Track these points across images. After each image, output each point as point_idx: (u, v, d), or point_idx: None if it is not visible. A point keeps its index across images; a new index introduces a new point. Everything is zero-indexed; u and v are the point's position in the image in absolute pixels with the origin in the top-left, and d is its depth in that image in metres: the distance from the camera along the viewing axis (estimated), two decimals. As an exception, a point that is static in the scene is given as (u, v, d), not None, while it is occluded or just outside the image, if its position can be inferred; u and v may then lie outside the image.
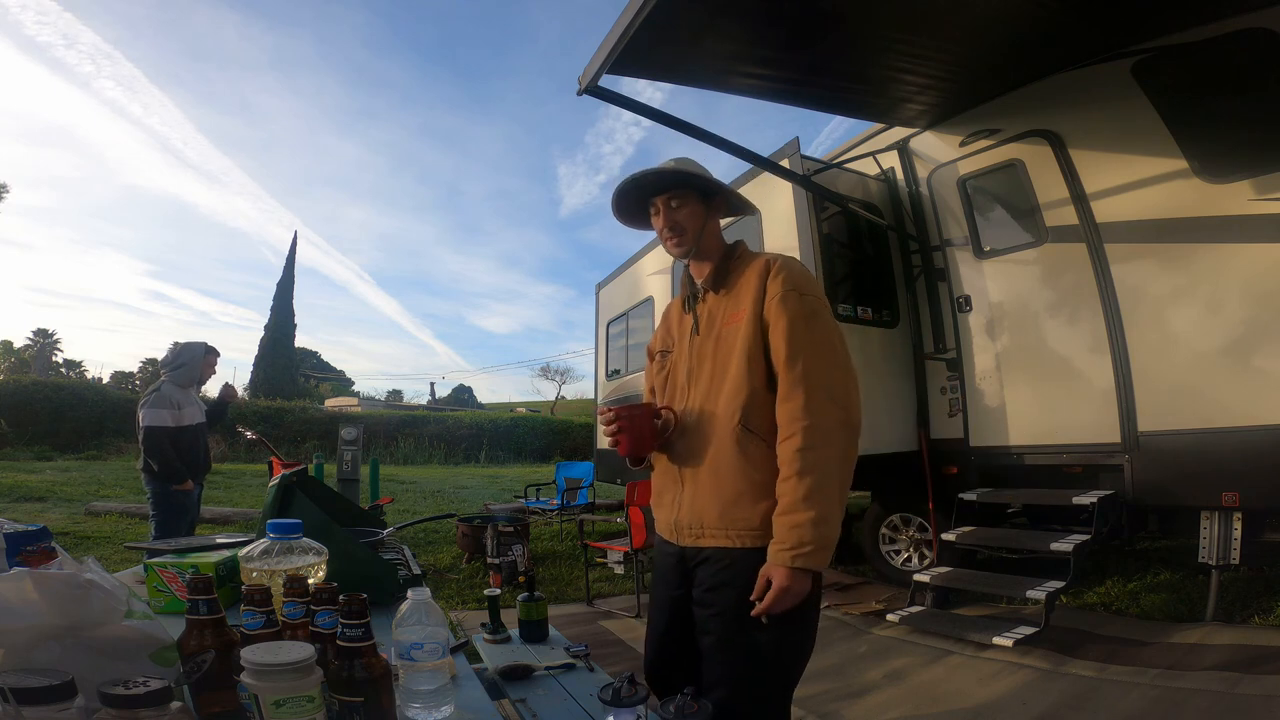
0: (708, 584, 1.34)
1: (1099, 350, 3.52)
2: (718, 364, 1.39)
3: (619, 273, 7.56)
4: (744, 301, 1.39)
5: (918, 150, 4.48)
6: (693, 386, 1.44)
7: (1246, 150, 3.06)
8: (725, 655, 1.30)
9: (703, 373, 1.42)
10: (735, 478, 1.32)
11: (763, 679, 1.29)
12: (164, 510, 3.78)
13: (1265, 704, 2.35)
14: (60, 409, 16.00)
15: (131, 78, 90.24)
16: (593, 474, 7.89)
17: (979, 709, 2.52)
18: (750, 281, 1.39)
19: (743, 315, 1.37)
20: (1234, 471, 3.01)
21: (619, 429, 1.42)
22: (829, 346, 1.32)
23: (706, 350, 1.43)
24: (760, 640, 1.27)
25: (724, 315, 1.43)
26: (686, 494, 1.39)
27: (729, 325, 1.40)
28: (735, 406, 1.33)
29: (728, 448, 1.33)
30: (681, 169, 1.45)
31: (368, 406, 30.55)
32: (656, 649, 1.50)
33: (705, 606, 1.34)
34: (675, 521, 1.41)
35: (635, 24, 2.72)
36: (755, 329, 1.35)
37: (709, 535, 1.34)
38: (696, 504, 1.37)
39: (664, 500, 1.47)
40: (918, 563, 4.30)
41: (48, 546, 1.01)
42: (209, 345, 4.04)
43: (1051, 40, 3.40)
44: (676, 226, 1.45)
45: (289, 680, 0.73)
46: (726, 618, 1.30)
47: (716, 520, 1.32)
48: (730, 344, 1.38)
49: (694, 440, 1.40)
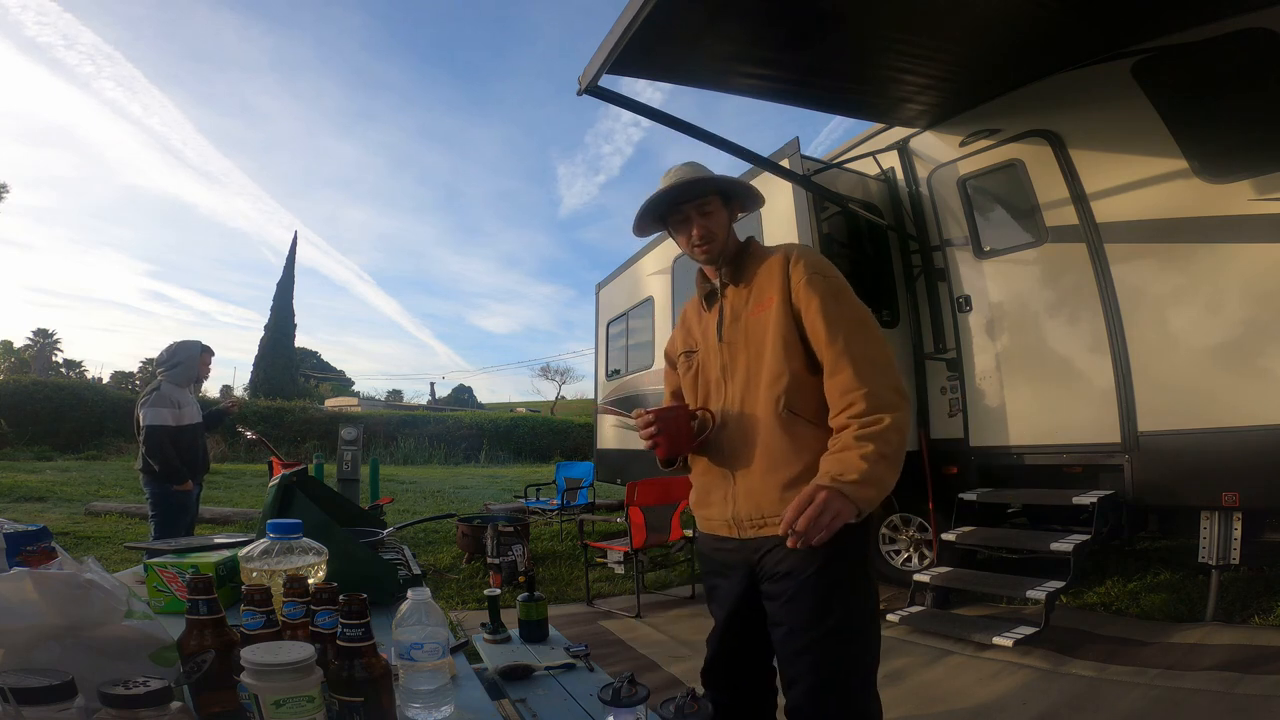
0: (777, 572, 1.33)
1: (1099, 350, 3.52)
2: (751, 354, 1.41)
3: (619, 273, 7.56)
4: (768, 291, 1.41)
5: (918, 150, 4.48)
6: (729, 380, 1.45)
7: (1246, 150, 3.06)
8: (803, 642, 1.28)
9: (737, 365, 1.43)
10: (789, 461, 1.33)
11: (847, 660, 1.28)
12: (163, 510, 3.78)
13: (1265, 704, 2.35)
14: (60, 409, 16.01)
15: (131, 78, 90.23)
16: (593, 474, 7.89)
17: (979, 709, 2.52)
18: (771, 272, 1.42)
19: (770, 303, 1.40)
20: (1234, 471, 3.01)
21: (657, 430, 1.42)
22: (862, 321, 1.36)
23: (737, 343, 1.44)
24: (836, 623, 1.26)
25: (748, 307, 1.45)
26: (740, 487, 1.39)
27: (755, 315, 1.42)
28: (777, 392, 1.35)
29: (776, 433, 1.34)
30: (709, 177, 1.47)
31: (368, 406, 30.58)
32: (719, 643, 1.49)
33: (775, 598, 1.33)
34: (733, 516, 1.40)
35: (635, 24, 2.72)
36: (786, 315, 1.37)
37: (771, 523, 1.32)
38: (753, 494, 1.36)
39: (713, 499, 1.46)
40: (918, 563, 4.30)
41: (48, 546, 1.01)
42: (204, 344, 4.04)
43: (1051, 40, 3.40)
44: (708, 234, 1.46)
45: (289, 680, 0.73)
46: (799, 603, 1.29)
47: (778, 506, 1.30)
48: (760, 333, 1.40)
49: (739, 433, 1.40)
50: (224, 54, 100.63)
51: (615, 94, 3.13)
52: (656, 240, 6.90)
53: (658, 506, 4.27)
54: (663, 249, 6.74)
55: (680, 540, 4.54)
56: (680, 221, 1.49)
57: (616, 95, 3.14)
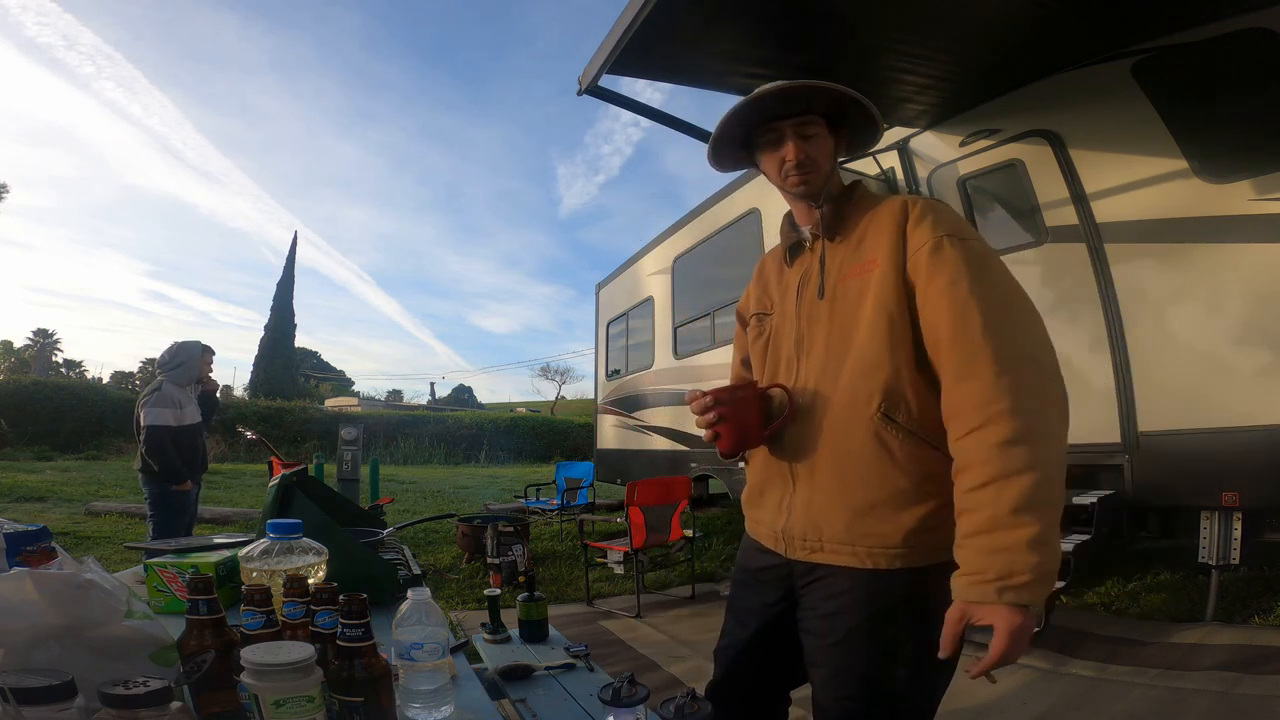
0: (823, 609, 1.08)
1: (1099, 350, 3.52)
2: (835, 330, 1.10)
3: (619, 273, 7.57)
4: (873, 251, 1.09)
5: (918, 150, 4.47)
6: (803, 358, 1.14)
7: (1246, 150, 3.06)
8: (842, 694, 1.06)
9: (815, 341, 1.13)
10: (871, 481, 1.03)
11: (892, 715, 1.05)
12: (162, 511, 3.79)
13: (1265, 704, 2.35)
14: (60, 409, 16.01)
15: (132, 79, 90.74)
16: (593, 474, 7.90)
17: (979, 709, 2.52)
18: (883, 227, 1.09)
19: (873, 268, 1.07)
20: (1234, 471, 3.01)
21: (718, 418, 1.15)
22: (1014, 301, 0.99)
23: (820, 312, 1.13)
24: (888, 677, 1.03)
25: (841, 269, 1.13)
26: (800, 497, 1.12)
27: (850, 279, 1.11)
28: (872, 389, 1.04)
29: (861, 442, 1.04)
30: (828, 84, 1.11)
31: (368, 406, 30.59)
32: (732, 662, 1.27)
33: (817, 635, 1.09)
34: (784, 529, 1.13)
35: (635, 24, 2.72)
36: (896, 286, 1.04)
37: (829, 550, 1.07)
38: (813, 510, 1.09)
39: (767, 501, 1.19)
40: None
41: (48, 546, 1.01)
42: (204, 344, 4.04)
43: (1051, 40, 3.40)
44: (808, 161, 1.14)
45: (289, 680, 0.73)
46: (846, 649, 1.05)
47: (842, 533, 1.05)
48: (854, 305, 1.09)
49: (810, 427, 1.10)
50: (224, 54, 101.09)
51: (615, 94, 3.14)
52: (656, 240, 6.90)
53: (658, 506, 4.27)
54: (663, 249, 6.75)
55: (680, 540, 4.54)
56: (771, 143, 1.17)
57: (616, 95, 3.15)
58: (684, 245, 6.28)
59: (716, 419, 1.15)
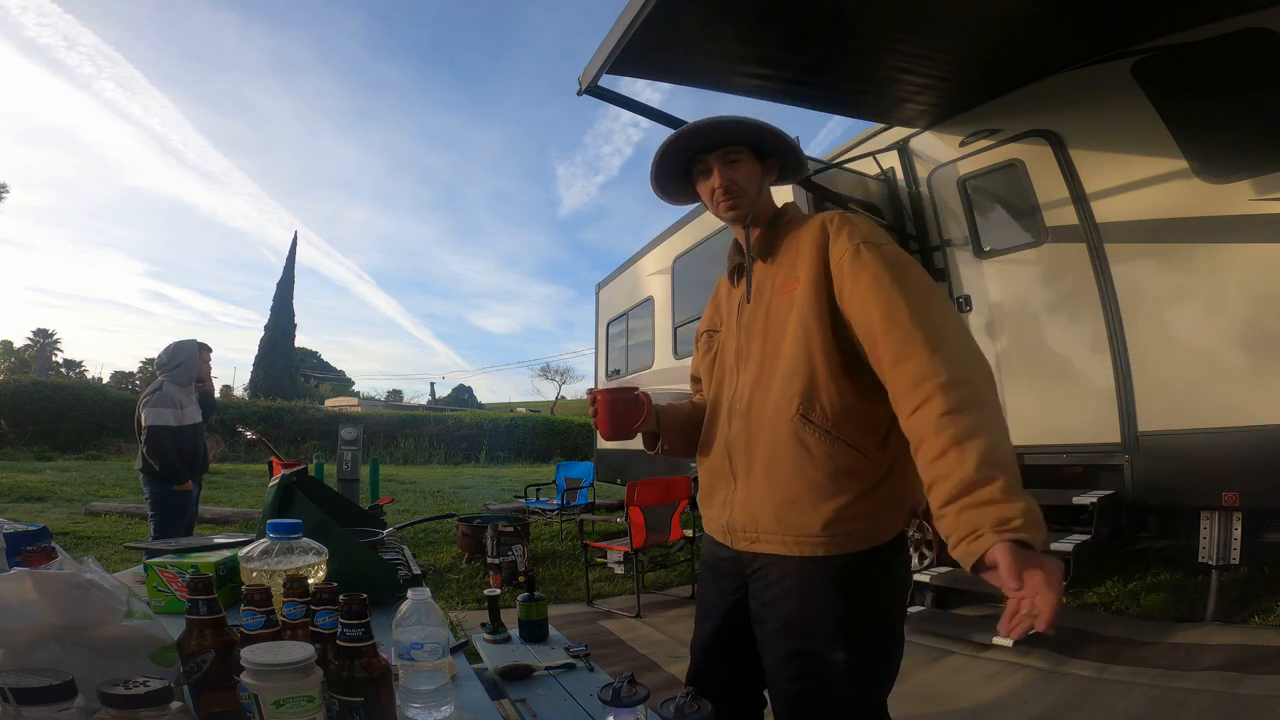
0: (764, 596, 1.19)
1: (1099, 350, 3.52)
2: (769, 342, 1.22)
3: (619, 273, 7.56)
4: (798, 268, 1.19)
5: (918, 150, 4.48)
6: (742, 368, 1.27)
7: (1246, 150, 3.06)
8: (789, 675, 1.15)
9: (752, 352, 1.25)
10: (791, 476, 1.14)
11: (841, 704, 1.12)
12: (162, 511, 3.79)
13: (1265, 704, 2.35)
14: (60, 409, 16.01)
15: (132, 79, 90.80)
16: (593, 474, 7.90)
17: (979, 709, 2.52)
18: (805, 243, 1.20)
19: (796, 283, 1.19)
20: (1234, 471, 3.01)
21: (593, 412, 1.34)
22: (934, 294, 1.09)
23: (756, 327, 1.26)
24: (832, 658, 1.10)
25: (773, 286, 1.24)
26: (739, 493, 1.23)
27: (780, 297, 1.22)
28: (792, 392, 1.15)
29: (783, 441, 1.15)
30: (743, 118, 1.23)
31: (368, 406, 30.59)
32: (702, 655, 1.37)
33: (764, 622, 1.20)
34: (728, 523, 1.25)
35: (635, 24, 2.72)
36: (817, 297, 1.15)
37: (765, 540, 1.18)
38: (750, 504, 1.20)
39: (714, 499, 1.31)
40: (918, 563, 4.30)
41: (48, 546, 1.01)
42: (201, 342, 4.04)
43: (1051, 40, 3.40)
44: (734, 187, 1.25)
45: (289, 680, 0.73)
46: (788, 634, 1.15)
47: (773, 524, 1.16)
48: (782, 318, 1.20)
49: (746, 431, 1.22)
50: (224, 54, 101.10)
51: (615, 94, 3.14)
52: (656, 240, 6.90)
53: (658, 506, 4.27)
54: (663, 249, 6.74)
55: (680, 540, 4.54)
56: (703, 173, 1.29)
57: (616, 95, 3.14)
58: (684, 245, 6.28)
59: (593, 413, 1.34)
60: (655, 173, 1.35)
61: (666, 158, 1.31)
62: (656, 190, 1.39)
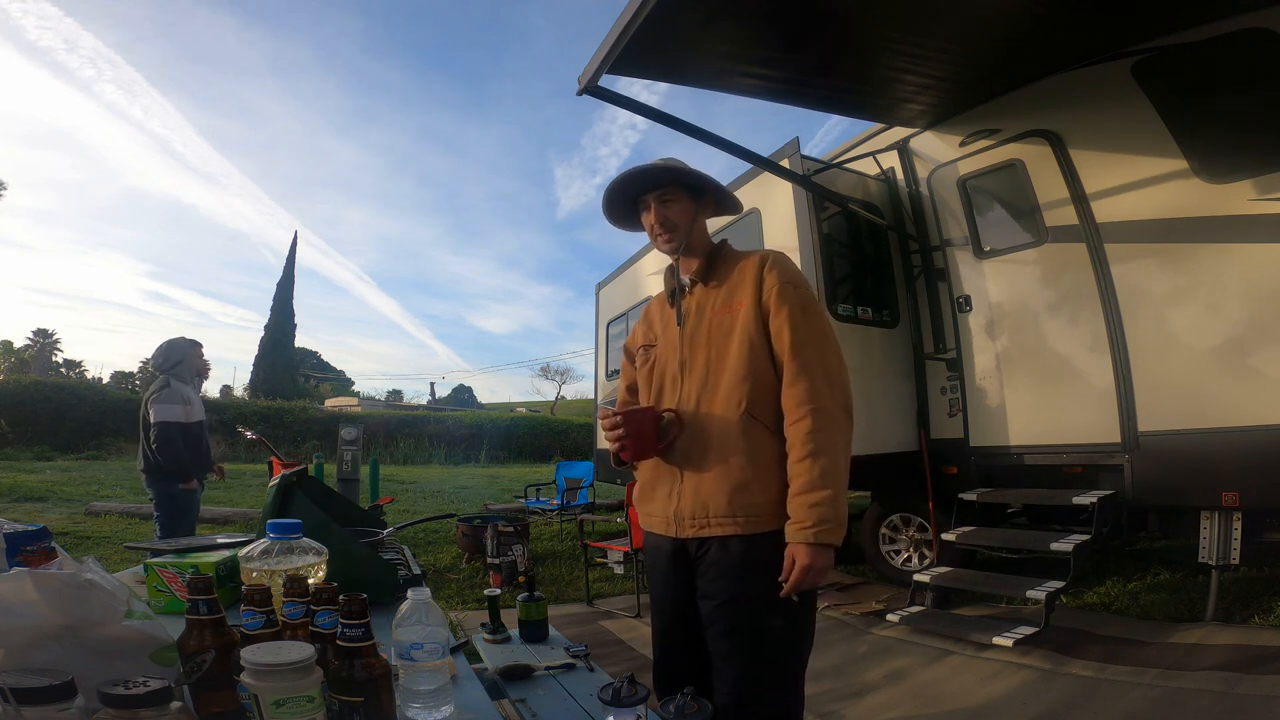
0: (710, 575, 1.35)
1: (1099, 350, 3.52)
2: (714, 352, 1.42)
3: (619, 273, 7.56)
4: (739, 292, 1.42)
5: (918, 150, 4.48)
6: (686, 376, 1.45)
7: (1246, 150, 3.06)
8: (736, 643, 1.31)
9: (696, 362, 1.43)
10: (744, 465, 1.34)
11: (778, 663, 1.32)
12: (168, 510, 3.76)
13: (1265, 704, 2.35)
14: (60, 409, 16.00)
15: (132, 81, 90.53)
16: (593, 474, 7.89)
17: (979, 709, 2.52)
18: (746, 274, 1.43)
19: (740, 305, 1.41)
20: (1234, 471, 3.01)
21: (625, 433, 1.41)
22: (826, 336, 1.39)
23: (699, 339, 1.45)
24: (770, 625, 1.30)
25: (715, 305, 1.45)
26: (687, 485, 1.39)
27: (723, 315, 1.43)
28: (741, 394, 1.35)
29: (734, 435, 1.35)
30: (671, 165, 1.48)
31: (368, 406, 30.56)
32: (661, 648, 1.50)
33: (710, 598, 1.35)
34: (675, 513, 1.41)
35: (635, 24, 2.72)
36: (756, 320, 1.38)
37: (715, 524, 1.35)
38: (700, 493, 1.37)
39: (657, 494, 1.46)
40: (918, 563, 4.30)
41: (48, 546, 1.01)
42: (189, 339, 4.03)
43: (1051, 40, 3.40)
44: (668, 222, 1.48)
45: (289, 680, 0.73)
46: (735, 606, 1.31)
47: (725, 507, 1.33)
48: (726, 332, 1.41)
49: (693, 431, 1.40)
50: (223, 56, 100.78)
51: (615, 94, 3.13)
52: (656, 240, 6.90)
53: (658, 506, 4.26)
54: (663, 249, 6.74)
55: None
56: (644, 208, 1.52)
57: (616, 95, 3.14)
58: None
59: (623, 434, 1.41)
60: (606, 206, 1.57)
61: (615, 195, 1.54)
62: (609, 219, 1.60)
